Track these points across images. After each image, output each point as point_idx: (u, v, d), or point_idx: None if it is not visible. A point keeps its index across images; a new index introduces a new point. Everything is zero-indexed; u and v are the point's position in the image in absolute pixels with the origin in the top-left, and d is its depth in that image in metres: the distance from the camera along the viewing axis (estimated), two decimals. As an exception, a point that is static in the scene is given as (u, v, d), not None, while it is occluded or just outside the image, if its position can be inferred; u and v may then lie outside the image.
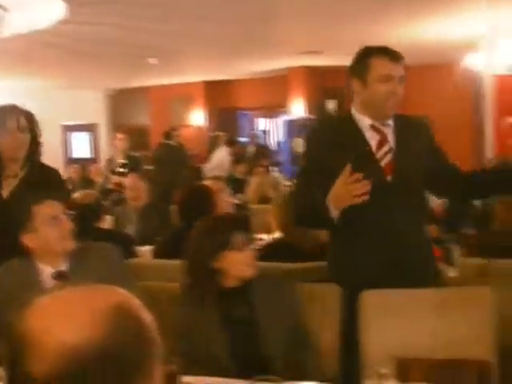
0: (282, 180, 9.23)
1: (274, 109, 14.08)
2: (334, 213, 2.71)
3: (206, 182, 5.28)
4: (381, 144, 2.89)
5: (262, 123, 15.50)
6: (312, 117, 12.68)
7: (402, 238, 2.84)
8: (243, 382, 2.22)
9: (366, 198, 2.59)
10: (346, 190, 2.62)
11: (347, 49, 11.73)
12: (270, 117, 15.00)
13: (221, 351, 2.50)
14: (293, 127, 12.91)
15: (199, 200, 4.05)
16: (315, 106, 12.91)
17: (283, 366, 2.44)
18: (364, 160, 2.82)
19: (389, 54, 2.85)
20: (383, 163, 2.87)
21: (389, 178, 2.86)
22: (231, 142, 12.12)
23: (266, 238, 4.78)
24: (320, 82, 12.90)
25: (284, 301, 2.62)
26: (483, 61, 8.95)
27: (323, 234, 4.15)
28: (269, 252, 3.65)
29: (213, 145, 12.28)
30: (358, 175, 2.60)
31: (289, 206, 3.45)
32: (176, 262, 3.03)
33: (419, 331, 2.66)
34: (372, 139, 2.89)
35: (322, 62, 11.75)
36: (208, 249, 2.56)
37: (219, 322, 2.54)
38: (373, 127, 2.90)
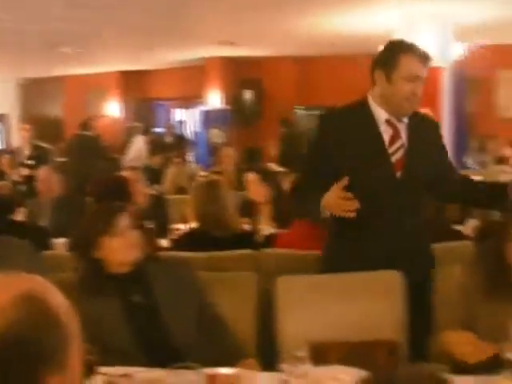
0: (198, 170, 9.22)
1: (190, 99, 14.01)
2: (326, 213, 2.74)
3: (124, 173, 5.24)
4: (393, 139, 2.87)
5: (178, 114, 15.41)
6: (229, 107, 12.71)
7: (403, 233, 2.84)
8: (159, 370, 2.21)
9: (352, 214, 2.62)
10: (337, 204, 2.65)
11: (264, 40, 11.87)
12: (187, 107, 14.93)
13: (125, 340, 2.46)
14: (209, 118, 12.90)
15: (115, 191, 4.01)
16: (232, 96, 12.93)
17: (195, 352, 2.43)
18: (375, 154, 2.84)
19: (418, 53, 2.80)
20: (394, 159, 2.85)
21: (398, 174, 2.84)
22: (148, 133, 12.00)
23: (182, 227, 4.78)
24: (237, 72, 12.92)
25: (183, 284, 2.60)
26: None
27: (241, 223, 4.21)
28: (185, 241, 3.66)
29: (129, 136, 12.13)
30: (349, 194, 2.62)
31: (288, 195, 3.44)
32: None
33: (333, 315, 2.74)
34: (385, 133, 2.87)
35: (239, 52, 11.78)
36: (87, 238, 2.53)
37: (119, 309, 2.49)
38: (388, 122, 2.87)
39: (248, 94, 13.14)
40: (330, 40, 10.36)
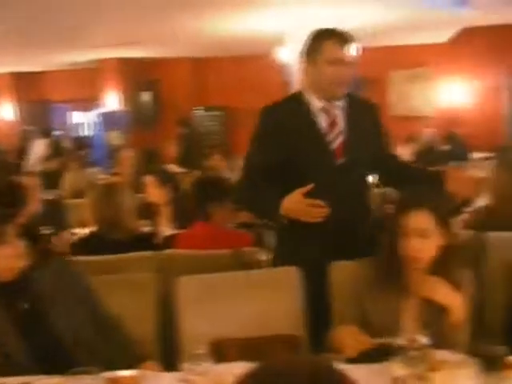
0: (96, 173, 9.06)
1: (88, 101, 13.74)
2: (284, 218, 2.76)
3: (21, 178, 5.09)
4: (331, 127, 2.92)
5: (75, 116, 15.08)
6: (127, 109, 12.56)
7: (347, 219, 2.85)
8: (58, 377, 2.18)
9: (321, 219, 2.65)
10: (304, 211, 2.68)
11: (160, 41, 11.78)
12: (85, 110, 14.64)
13: (16, 349, 2.40)
14: (108, 120, 12.70)
15: (6, 198, 3.90)
16: (130, 98, 12.79)
17: (91, 355, 2.40)
18: (315, 142, 2.87)
19: (339, 37, 2.89)
20: (333, 146, 2.90)
21: (338, 160, 2.89)
22: (45, 136, 11.69)
23: (80, 232, 4.70)
24: (134, 73, 12.79)
25: (73, 288, 2.56)
26: (291, 53, 9.36)
27: (140, 225, 4.19)
28: (83, 245, 3.61)
29: (25, 139, 11.77)
30: (318, 202, 2.65)
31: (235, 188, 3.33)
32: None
33: (234, 312, 2.77)
34: (323, 121, 2.92)
35: (136, 53, 11.67)
36: None
37: (5, 319, 2.43)
38: (323, 109, 2.93)
39: (146, 96, 13.05)
40: (225, 41, 10.45)
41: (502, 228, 3.56)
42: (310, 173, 2.84)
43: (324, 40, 2.90)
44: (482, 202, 4.62)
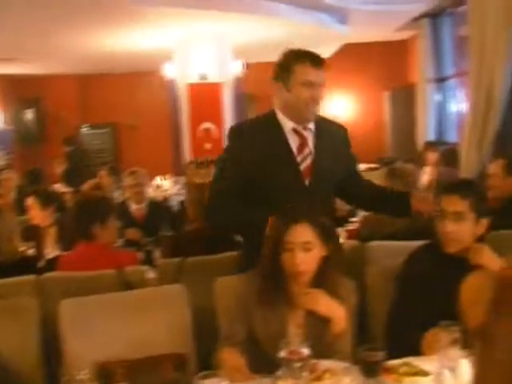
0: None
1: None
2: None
3: None
4: (301, 148, 2.95)
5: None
6: (10, 127, 12.13)
7: None
8: None
9: None
10: None
11: (43, 57, 11.45)
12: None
13: None
14: (-11, 139, 12.22)
15: None
16: (12, 116, 12.38)
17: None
18: (285, 163, 2.89)
19: (311, 59, 2.88)
20: (302, 167, 2.93)
21: (307, 181, 2.93)
22: None
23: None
24: (16, 91, 12.38)
25: None
26: (177, 70, 9.35)
27: (23, 248, 4.06)
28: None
29: None
30: None
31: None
32: None
33: (120, 333, 2.72)
34: (293, 142, 2.95)
35: (18, 70, 11.30)
36: None
37: None
38: (294, 130, 2.95)
39: (29, 114, 12.65)
40: (111, 58, 10.32)
41: (388, 237, 3.70)
42: (278, 193, 2.87)
43: (296, 62, 2.91)
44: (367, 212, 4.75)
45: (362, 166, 10.02)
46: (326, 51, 11.06)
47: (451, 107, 9.56)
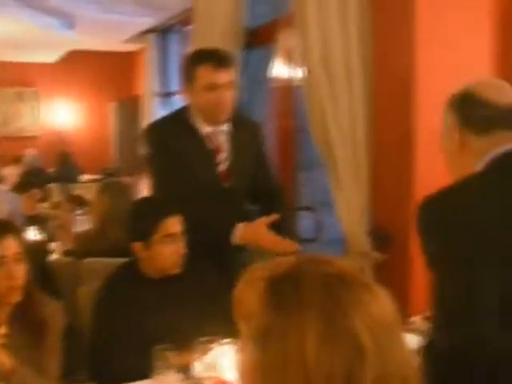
0: None
1: None
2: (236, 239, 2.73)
3: None
4: (217, 151, 2.95)
5: None
6: None
7: (227, 240, 2.76)
8: None
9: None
10: (272, 241, 2.69)
11: None
12: None
13: None
14: None
15: None
16: None
17: None
18: (203, 166, 2.89)
19: (214, 60, 2.76)
20: (219, 170, 2.94)
21: (225, 184, 2.94)
22: None
23: None
24: None
25: None
26: None
27: None
28: None
29: None
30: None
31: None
32: None
33: None
34: (209, 144, 2.94)
35: None
36: None
37: None
38: (207, 135, 2.92)
39: None
40: None
41: (105, 254, 3.59)
42: (200, 192, 2.82)
43: (197, 65, 2.79)
44: (84, 226, 4.64)
45: (85, 177, 9.89)
46: (50, 56, 10.72)
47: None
